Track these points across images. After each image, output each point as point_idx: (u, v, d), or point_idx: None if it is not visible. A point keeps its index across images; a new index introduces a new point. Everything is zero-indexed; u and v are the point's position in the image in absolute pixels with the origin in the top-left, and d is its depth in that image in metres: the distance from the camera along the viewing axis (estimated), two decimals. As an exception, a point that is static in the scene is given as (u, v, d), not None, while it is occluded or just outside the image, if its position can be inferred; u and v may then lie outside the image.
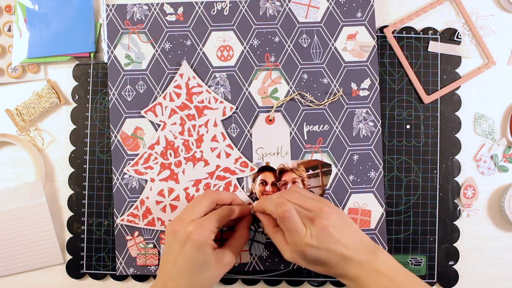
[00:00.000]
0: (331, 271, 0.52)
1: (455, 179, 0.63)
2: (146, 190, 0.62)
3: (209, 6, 0.63)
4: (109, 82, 0.62)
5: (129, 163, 0.62)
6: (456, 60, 0.63)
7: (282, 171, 0.62)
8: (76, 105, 0.64)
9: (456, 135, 0.63)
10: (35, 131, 0.64)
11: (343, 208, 0.62)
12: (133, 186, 0.62)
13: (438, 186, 0.63)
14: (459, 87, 0.63)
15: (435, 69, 0.63)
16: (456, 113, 0.63)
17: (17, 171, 0.64)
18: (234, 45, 0.62)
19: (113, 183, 0.62)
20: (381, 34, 0.63)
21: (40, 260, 0.62)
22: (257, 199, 0.61)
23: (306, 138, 0.62)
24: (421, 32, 0.63)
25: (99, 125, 0.63)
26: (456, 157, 0.63)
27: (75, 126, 0.63)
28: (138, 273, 0.62)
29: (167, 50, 0.63)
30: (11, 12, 0.63)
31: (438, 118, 0.63)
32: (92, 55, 0.63)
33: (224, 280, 0.63)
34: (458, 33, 0.63)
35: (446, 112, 0.63)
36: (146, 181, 0.62)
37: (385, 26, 0.63)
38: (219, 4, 0.63)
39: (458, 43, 0.63)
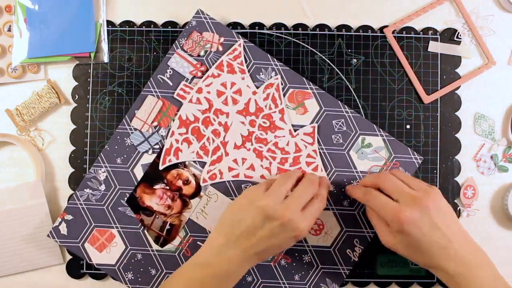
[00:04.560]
0: (430, 261, 0.50)
1: (455, 179, 0.63)
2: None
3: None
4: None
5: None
6: (456, 60, 0.63)
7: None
8: (76, 105, 0.64)
9: (456, 135, 0.63)
10: (35, 131, 0.64)
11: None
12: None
13: (438, 186, 0.62)
14: (459, 87, 0.63)
15: (435, 69, 0.63)
16: (456, 113, 0.63)
17: (17, 171, 0.64)
18: None
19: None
20: (381, 34, 0.63)
21: (40, 260, 0.62)
22: None
23: None
24: (421, 32, 0.63)
25: (99, 125, 0.63)
26: (456, 157, 0.63)
27: (75, 126, 0.63)
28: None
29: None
30: (11, 12, 0.63)
31: (438, 118, 0.63)
32: (92, 55, 0.63)
33: (224, 280, 0.63)
34: (458, 33, 0.63)
35: (446, 112, 0.63)
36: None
37: (385, 26, 0.63)
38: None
39: (458, 43, 0.63)
